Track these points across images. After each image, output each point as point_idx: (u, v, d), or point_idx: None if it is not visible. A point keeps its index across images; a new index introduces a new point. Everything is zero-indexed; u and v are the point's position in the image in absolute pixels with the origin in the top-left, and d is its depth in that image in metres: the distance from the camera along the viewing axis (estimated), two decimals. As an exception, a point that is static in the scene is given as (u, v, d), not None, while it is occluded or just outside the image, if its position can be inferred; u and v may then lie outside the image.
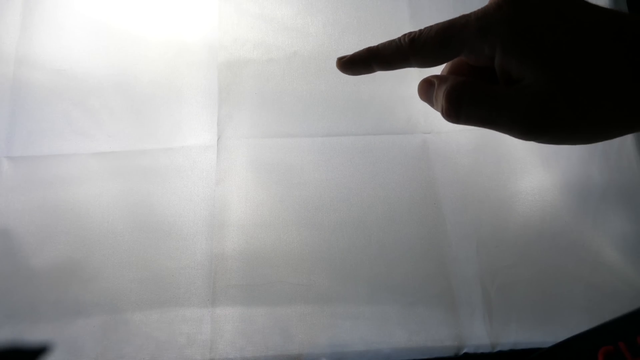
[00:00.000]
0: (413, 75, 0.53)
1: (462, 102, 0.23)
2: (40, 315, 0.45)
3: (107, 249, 0.47)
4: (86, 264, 0.46)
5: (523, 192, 0.49)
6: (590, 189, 0.49)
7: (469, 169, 0.50)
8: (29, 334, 0.44)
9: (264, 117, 0.51)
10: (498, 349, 0.44)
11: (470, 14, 0.22)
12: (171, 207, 0.48)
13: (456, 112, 0.23)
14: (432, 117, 0.52)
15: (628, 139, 0.50)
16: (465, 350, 0.44)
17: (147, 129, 0.51)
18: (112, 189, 0.49)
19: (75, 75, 0.53)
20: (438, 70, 0.32)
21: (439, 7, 0.55)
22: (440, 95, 0.24)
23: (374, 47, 0.27)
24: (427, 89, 0.26)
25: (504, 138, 0.51)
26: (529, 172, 0.49)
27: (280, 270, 0.46)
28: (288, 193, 0.49)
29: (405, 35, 0.25)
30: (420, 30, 0.24)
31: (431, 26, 0.24)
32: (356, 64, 0.28)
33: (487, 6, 0.22)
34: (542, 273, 0.46)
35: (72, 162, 0.50)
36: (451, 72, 0.26)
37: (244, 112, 0.52)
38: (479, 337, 0.44)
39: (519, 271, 0.46)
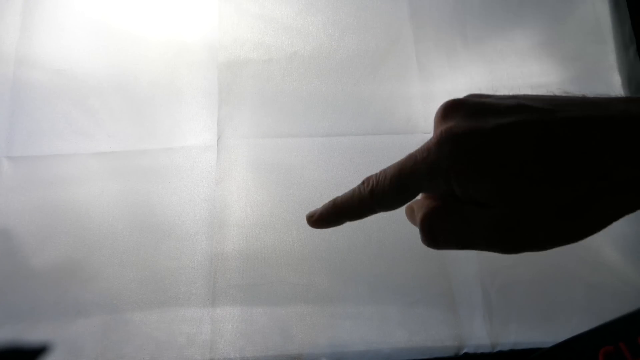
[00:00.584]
0: (413, 75, 0.53)
1: (435, 233, 0.23)
2: (40, 315, 0.45)
3: (107, 249, 0.47)
4: (86, 264, 0.46)
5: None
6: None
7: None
8: (29, 334, 0.44)
9: (264, 117, 0.51)
10: (498, 349, 0.44)
11: (416, 153, 0.22)
12: (171, 207, 0.48)
13: (434, 242, 0.23)
14: (432, 117, 0.51)
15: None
16: (465, 350, 0.44)
17: (147, 129, 0.51)
18: (112, 189, 0.49)
19: (75, 75, 0.52)
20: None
21: (439, 7, 0.55)
22: (417, 225, 0.24)
23: (338, 202, 0.27)
24: (410, 215, 0.26)
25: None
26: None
27: (280, 270, 0.46)
28: (288, 193, 0.49)
29: (364, 184, 0.25)
30: (376, 178, 0.24)
31: (385, 171, 0.24)
32: (326, 221, 0.28)
33: (428, 143, 0.22)
34: (542, 273, 0.46)
35: (72, 162, 0.49)
36: (424, 196, 0.26)
37: (244, 112, 0.52)
38: (479, 337, 0.44)
39: (519, 271, 0.46)
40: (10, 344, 0.44)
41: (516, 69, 0.53)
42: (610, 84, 0.52)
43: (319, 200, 0.48)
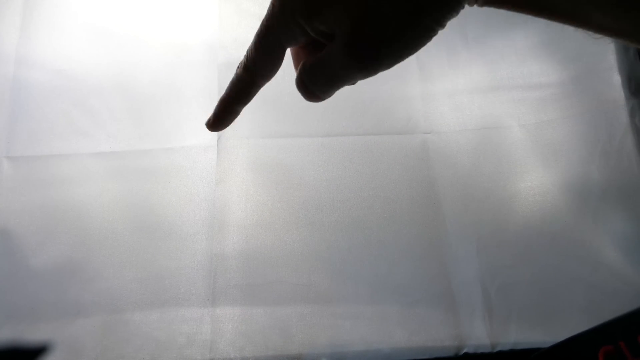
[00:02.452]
0: (413, 75, 0.53)
1: (306, 85, 0.25)
2: (40, 315, 0.45)
3: (107, 249, 0.47)
4: (86, 264, 0.46)
5: (523, 192, 0.49)
6: (590, 189, 0.49)
7: (469, 169, 0.50)
8: (29, 334, 0.44)
9: (264, 117, 0.51)
10: (498, 349, 0.44)
11: (267, 12, 0.24)
12: (171, 207, 0.48)
13: (309, 94, 0.26)
14: (432, 117, 0.52)
15: (628, 139, 0.50)
16: (465, 350, 0.44)
17: (147, 129, 0.51)
18: (112, 189, 0.49)
19: (75, 75, 0.52)
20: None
21: (439, 7, 0.55)
22: None
23: (223, 96, 0.28)
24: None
25: (504, 138, 0.51)
26: (529, 172, 0.49)
27: (280, 270, 0.46)
28: (288, 193, 0.49)
29: (238, 67, 0.27)
30: (246, 53, 0.26)
31: (250, 45, 0.26)
32: (222, 118, 0.29)
33: None
34: (542, 273, 0.46)
35: (72, 162, 0.49)
36: (297, 65, 0.28)
37: (244, 112, 0.51)
38: (479, 337, 0.44)
39: (519, 271, 0.46)
40: (10, 344, 0.44)
41: (516, 69, 0.53)
42: (610, 84, 0.52)
43: (319, 200, 0.49)
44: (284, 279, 0.46)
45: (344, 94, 0.55)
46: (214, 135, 0.51)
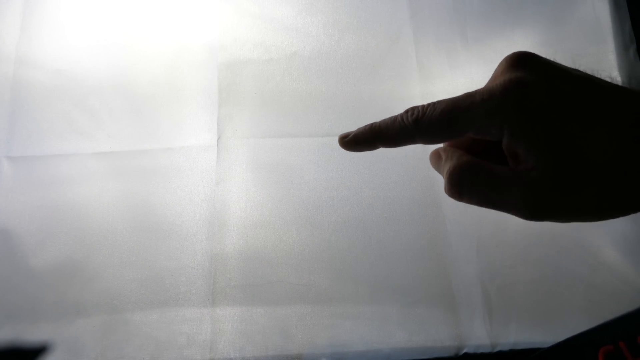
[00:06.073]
0: (413, 76, 0.53)
1: (463, 185, 0.23)
2: (40, 315, 0.45)
3: (107, 249, 0.47)
4: (86, 264, 0.46)
5: (523, 192, 0.49)
6: (590, 189, 0.48)
7: (469, 169, 0.50)
8: (29, 334, 0.44)
9: (264, 117, 0.51)
10: (498, 349, 0.44)
11: (475, 93, 0.22)
12: (171, 207, 0.48)
13: (458, 194, 0.24)
14: (432, 117, 0.52)
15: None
16: (465, 351, 0.44)
17: (147, 129, 0.51)
18: (112, 189, 0.49)
19: (75, 75, 0.53)
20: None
21: (439, 7, 0.55)
22: (444, 173, 0.25)
23: (376, 125, 0.26)
24: (436, 161, 0.27)
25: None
26: (529, 172, 0.49)
27: (280, 270, 0.46)
28: (288, 193, 0.49)
29: (408, 113, 0.25)
30: (423, 109, 0.24)
31: (434, 104, 0.24)
32: (360, 144, 0.28)
33: (492, 86, 0.22)
34: (542, 273, 0.46)
35: (72, 162, 0.49)
36: (456, 144, 0.26)
37: (244, 112, 0.52)
38: (479, 337, 0.44)
39: (519, 271, 0.46)
40: (10, 344, 0.44)
41: (516, 69, 0.53)
42: (610, 84, 0.52)
43: (319, 200, 0.49)
44: (284, 279, 0.46)
45: (344, 94, 0.56)
46: (213, 135, 0.51)
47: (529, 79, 0.21)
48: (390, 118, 0.25)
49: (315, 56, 0.53)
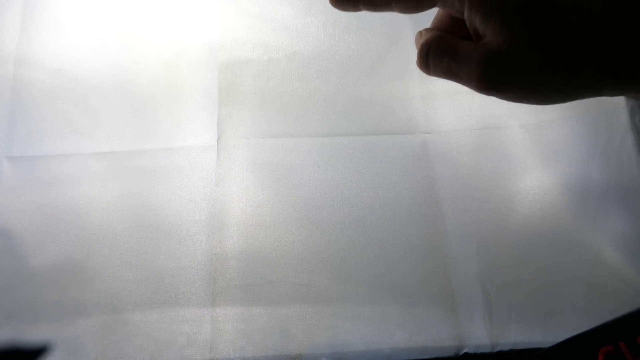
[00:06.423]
0: (413, 76, 0.53)
1: (428, 56, 0.25)
2: (40, 315, 0.45)
3: (107, 249, 0.47)
4: (86, 264, 0.46)
5: (523, 192, 0.49)
6: (590, 189, 0.49)
7: (469, 169, 0.50)
8: (29, 334, 0.44)
9: (264, 117, 0.51)
10: (498, 349, 0.44)
11: None
12: (171, 207, 0.48)
13: (424, 63, 0.26)
14: (432, 117, 0.52)
15: (628, 139, 0.50)
16: (465, 350, 0.44)
17: (147, 129, 0.51)
18: (112, 189, 0.49)
19: (75, 75, 0.53)
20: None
21: (439, 7, 0.55)
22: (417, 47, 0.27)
23: None
24: (417, 39, 0.29)
25: (504, 138, 0.51)
26: (529, 172, 0.49)
27: (280, 270, 0.46)
28: (288, 193, 0.49)
29: None
30: None
31: None
32: (344, 2, 0.30)
33: None
34: (542, 273, 0.46)
35: (72, 162, 0.49)
36: (436, 25, 0.28)
37: (244, 112, 0.52)
38: (479, 337, 0.44)
39: (519, 271, 0.46)
40: (10, 344, 0.44)
41: (516, 69, 0.53)
42: (610, 84, 0.52)
43: (319, 201, 0.49)
44: (284, 279, 0.46)
45: (344, 94, 0.56)
46: (213, 135, 0.51)
47: None
48: None
49: (315, 56, 0.53)
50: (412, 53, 0.54)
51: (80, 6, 0.55)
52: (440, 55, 0.24)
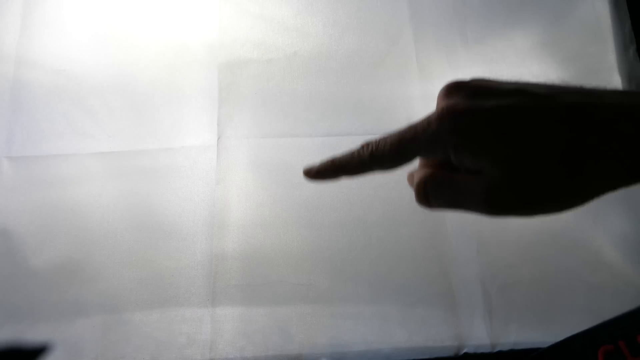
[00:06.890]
0: (413, 76, 0.53)
1: (428, 193, 0.26)
2: (40, 315, 0.45)
3: (107, 249, 0.47)
4: (86, 264, 0.46)
5: (523, 192, 0.49)
6: (590, 188, 0.48)
7: (469, 169, 0.50)
8: (29, 334, 0.44)
9: (264, 117, 0.51)
10: (498, 349, 0.44)
11: (417, 124, 0.25)
12: (171, 207, 0.48)
13: (426, 201, 0.26)
14: (432, 117, 0.52)
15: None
16: (465, 350, 0.44)
17: (147, 129, 0.51)
18: (112, 189, 0.49)
19: (75, 75, 0.53)
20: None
21: (439, 7, 0.55)
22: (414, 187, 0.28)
23: (337, 160, 0.29)
24: (410, 179, 0.30)
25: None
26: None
27: (280, 270, 0.46)
28: (288, 193, 0.49)
29: (363, 147, 0.28)
30: (376, 143, 0.27)
31: (385, 138, 0.26)
32: (324, 175, 0.30)
33: (430, 115, 0.25)
34: (543, 273, 0.46)
35: (72, 162, 0.49)
36: (421, 163, 0.29)
37: (244, 112, 0.52)
38: (479, 337, 0.44)
39: (520, 271, 0.46)
40: (10, 344, 0.44)
41: (516, 69, 0.53)
42: (610, 84, 0.52)
43: (319, 200, 0.49)
44: (284, 279, 0.46)
45: (344, 94, 0.56)
46: (213, 135, 0.51)
47: (460, 105, 0.24)
48: (349, 152, 0.29)
49: (315, 56, 0.53)
50: (412, 53, 0.54)
51: (80, 6, 0.55)
52: (441, 190, 0.25)
